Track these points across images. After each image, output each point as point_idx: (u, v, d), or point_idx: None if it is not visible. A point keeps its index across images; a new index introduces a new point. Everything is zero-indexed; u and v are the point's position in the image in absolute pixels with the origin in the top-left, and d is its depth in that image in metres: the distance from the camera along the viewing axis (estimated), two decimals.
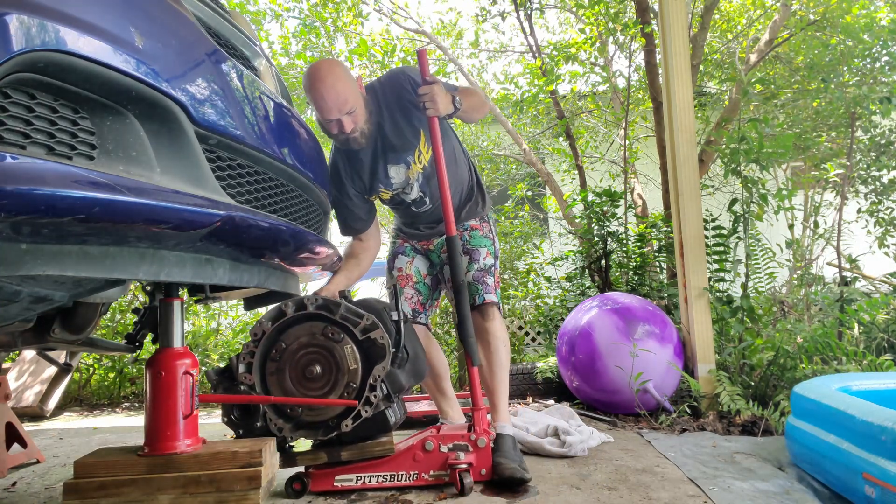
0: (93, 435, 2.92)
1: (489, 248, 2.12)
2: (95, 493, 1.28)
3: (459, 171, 2.11)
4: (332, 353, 1.64)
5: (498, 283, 2.11)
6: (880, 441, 1.34)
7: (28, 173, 0.76)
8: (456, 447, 1.69)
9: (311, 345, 1.64)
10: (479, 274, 2.06)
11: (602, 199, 3.63)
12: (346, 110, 1.80)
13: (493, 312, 2.03)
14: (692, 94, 2.74)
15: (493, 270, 2.09)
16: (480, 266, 2.07)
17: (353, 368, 1.63)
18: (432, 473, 1.68)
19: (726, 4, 5.82)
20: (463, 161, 2.15)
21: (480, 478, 1.69)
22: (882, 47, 4.16)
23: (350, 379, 1.63)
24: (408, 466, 1.69)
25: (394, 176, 2.02)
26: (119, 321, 4.24)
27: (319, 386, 1.64)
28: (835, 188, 4.24)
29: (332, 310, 1.65)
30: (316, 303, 1.65)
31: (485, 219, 2.18)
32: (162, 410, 1.36)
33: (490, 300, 2.03)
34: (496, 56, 7.13)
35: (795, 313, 3.65)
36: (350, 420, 1.62)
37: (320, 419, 1.64)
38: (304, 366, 1.64)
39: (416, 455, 1.69)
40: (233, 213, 1.07)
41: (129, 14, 0.95)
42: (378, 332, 1.64)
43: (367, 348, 1.65)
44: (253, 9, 5.75)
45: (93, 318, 1.70)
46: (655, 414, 2.50)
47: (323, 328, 1.65)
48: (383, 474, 1.68)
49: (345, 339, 1.64)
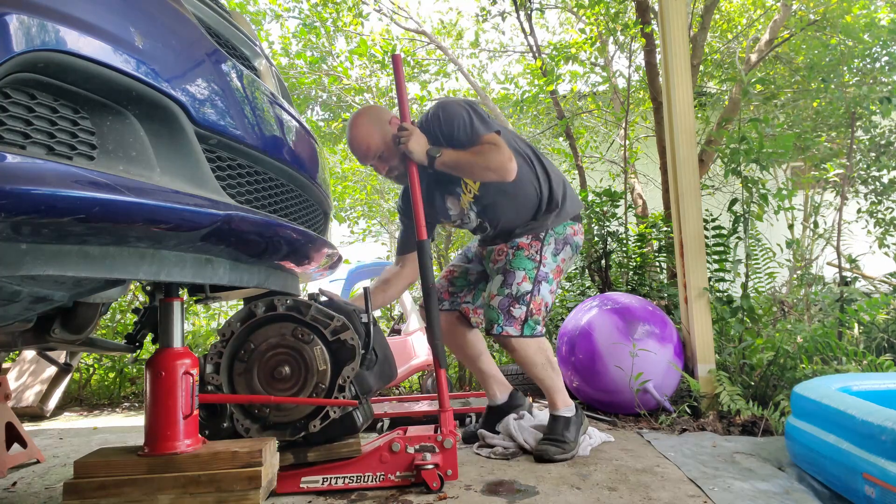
0: (93, 435, 2.92)
1: (529, 271, 2.02)
2: (95, 493, 1.28)
3: (521, 191, 2.04)
4: (301, 353, 1.65)
5: (538, 309, 2.00)
6: (880, 441, 1.34)
7: (28, 173, 0.76)
8: (423, 448, 1.69)
9: (280, 345, 1.65)
10: (505, 301, 1.98)
11: (602, 199, 3.63)
12: (371, 156, 1.98)
13: (511, 344, 1.99)
14: (692, 94, 2.74)
15: (526, 298, 1.99)
16: (511, 292, 1.99)
17: (323, 369, 1.64)
18: (399, 474, 1.68)
19: (726, 4, 5.83)
20: (528, 180, 2.05)
21: (448, 478, 1.69)
22: (882, 47, 4.16)
23: (319, 380, 1.64)
24: (374, 468, 1.69)
25: (451, 207, 2.14)
26: (119, 321, 4.24)
27: (288, 387, 1.65)
28: (835, 188, 4.24)
29: (303, 311, 1.66)
30: (286, 304, 1.66)
31: (539, 236, 2.07)
32: (162, 410, 1.36)
33: (508, 333, 1.96)
34: (496, 56, 7.14)
35: (795, 313, 3.65)
36: (318, 421, 1.63)
37: (288, 420, 1.65)
38: (273, 366, 1.65)
39: (382, 456, 1.69)
40: (233, 213, 1.07)
41: (129, 14, 0.95)
42: (348, 334, 1.65)
43: (336, 350, 1.66)
44: (253, 9, 5.75)
45: (93, 318, 1.70)
46: (655, 414, 2.50)
47: (293, 329, 1.66)
48: (350, 476, 1.68)
49: (314, 340, 1.65)
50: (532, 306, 2.00)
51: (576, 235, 2.15)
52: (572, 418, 2.02)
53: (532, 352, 2.01)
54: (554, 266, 2.08)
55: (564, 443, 1.96)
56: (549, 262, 2.07)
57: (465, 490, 1.66)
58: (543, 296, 2.03)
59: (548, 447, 1.94)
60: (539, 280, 2.03)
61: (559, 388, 2.05)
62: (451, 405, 2.67)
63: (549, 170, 2.12)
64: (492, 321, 1.99)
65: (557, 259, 2.09)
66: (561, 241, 2.11)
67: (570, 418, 2.01)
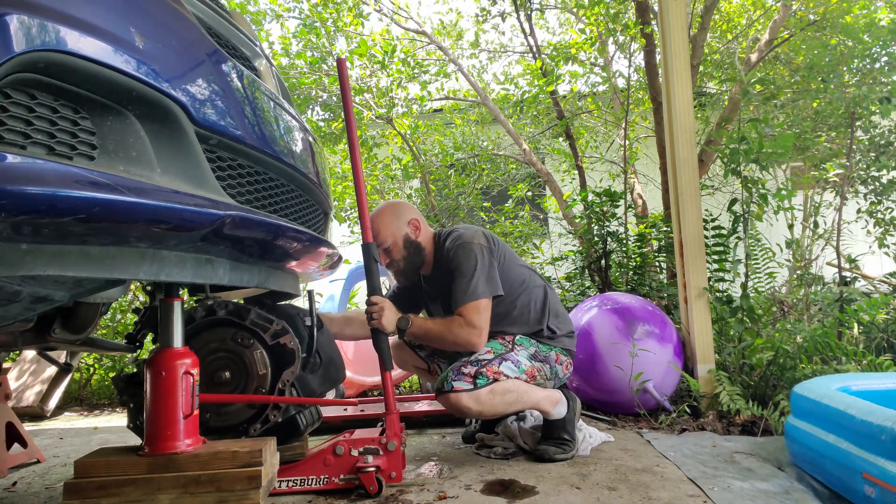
0: (93, 435, 2.92)
1: (497, 349, 1.94)
2: (96, 492, 1.28)
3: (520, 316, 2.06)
4: (241, 358, 1.66)
5: (492, 373, 1.86)
6: (880, 441, 1.34)
7: (28, 173, 0.76)
8: (366, 451, 1.69)
9: (220, 350, 1.66)
10: (458, 364, 1.88)
11: (602, 199, 3.63)
12: (377, 242, 2.04)
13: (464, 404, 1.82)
14: (692, 94, 2.74)
15: (482, 362, 1.88)
16: (468, 359, 1.90)
17: (263, 373, 1.65)
18: (342, 477, 1.68)
19: (726, 5, 5.82)
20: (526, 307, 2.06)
21: (391, 481, 1.69)
22: (882, 47, 4.16)
23: (259, 384, 1.64)
24: (318, 471, 1.68)
25: (435, 311, 2.25)
26: (119, 321, 4.24)
27: (228, 391, 1.65)
28: (834, 188, 4.24)
29: (243, 315, 1.67)
30: (226, 308, 1.67)
31: (518, 342, 2.00)
32: (162, 410, 1.36)
33: (458, 388, 1.82)
34: (496, 56, 7.13)
35: (795, 313, 3.65)
36: (259, 424, 1.64)
37: (228, 424, 1.66)
38: (213, 371, 1.66)
39: (326, 459, 1.68)
40: (233, 213, 1.08)
41: (130, 14, 0.95)
42: (288, 338, 1.66)
43: (277, 353, 1.67)
44: (253, 9, 5.75)
45: (93, 318, 1.70)
46: (655, 414, 2.50)
47: (233, 333, 1.66)
48: (293, 479, 1.68)
49: (254, 344, 1.66)
50: (485, 369, 1.87)
51: (558, 363, 2.06)
52: (566, 416, 2.00)
53: (496, 401, 1.86)
54: (525, 364, 1.96)
55: (564, 442, 1.96)
56: (522, 356, 1.97)
57: (465, 490, 1.66)
58: (503, 369, 1.89)
59: (548, 447, 1.94)
60: (504, 356, 1.93)
61: (538, 398, 1.96)
62: None
63: (551, 304, 2.11)
64: (442, 382, 1.86)
65: (531, 362, 1.98)
66: (542, 355, 2.02)
67: (565, 417, 2.00)
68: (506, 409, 1.92)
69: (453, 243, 2.03)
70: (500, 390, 1.87)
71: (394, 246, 2.06)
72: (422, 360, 2.30)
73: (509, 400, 1.89)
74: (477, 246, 1.99)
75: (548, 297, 2.12)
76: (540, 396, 1.97)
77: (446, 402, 1.86)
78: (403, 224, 2.07)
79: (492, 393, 1.85)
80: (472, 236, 2.02)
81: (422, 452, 2.16)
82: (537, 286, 2.13)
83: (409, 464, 1.98)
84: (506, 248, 2.14)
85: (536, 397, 1.96)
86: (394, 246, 2.06)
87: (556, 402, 2.01)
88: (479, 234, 2.05)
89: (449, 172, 5.90)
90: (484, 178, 6.02)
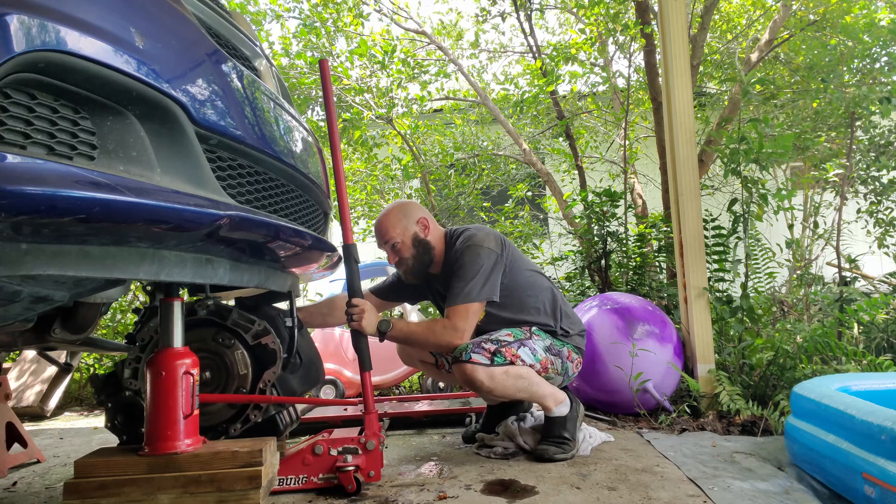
0: (93, 435, 2.92)
1: (516, 333, 1.98)
2: (96, 492, 1.28)
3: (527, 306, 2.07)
4: (222, 358, 1.66)
5: (510, 355, 1.88)
6: (880, 441, 1.34)
7: (29, 173, 0.76)
8: (345, 450, 1.69)
9: (201, 350, 1.66)
10: (478, 339, 1.92)
11: (602, 199, 3.63)
12: (385, 240, 2.07)
13: (478, 377, 1.84)
14: (692, 94, 2.74)
15: (501, 343, 1.91)
16: (488, 337, 1.94)
17: (244, 373, 1.65)
18: (321, 476, 1.68)
19: (726, 5, 5.83)
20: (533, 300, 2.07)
21: (370, 480, 1.69)
22: (882, 48, 4.16)
23: (240, 384, 1.65)
24: (297, 470, 1.69)
25: (441, 304, 2.20)
26: (119, 321, 4.24)
27: (209, 391, 1.65)
28: (834, 188, 4.24)
29: (224, 315, 1.67)
30: (207, 308, 1.67)
31: (536, 332, 2.03)
32: (162, 410, 1.36)
33: (475, 360, 1.84)
34: (496, 56, 7.14)
35: (795, 313, 3.66)
36: (239, 424, 1.64)
37: (209, 424, 1.66)
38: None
39: (305, 459, 1.69)
40: (233, 213, 1.08)
41: (130, 14, 0.95)
42: (269, 338, 1.66)
43: (258, 354, 1.67)
44: (253, 9, 5.74)
45: (93, 318, 1.70)
46: (655, 414, 2.50)
47: (214, 333, 1.66)
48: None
49: (235, 344, 1.66)
50: (504, 349, 1.90)
51: (570, 360, 2.08)
52: (568, 415, 2.00)
53: (508, 383, 1.88)
54: (541, 354, 1.98)
55: (565, 442, 1.96)
56: (539, 345, 1.99)
57: (465, 490, 1.66)
58: (521, 353, 1.92)
59: (548, 447, 1.94)
60: (523, 342, 1.96)
61: (545, 393, 1.97)
62: (452, 405, 2.68)
63: (561, 306, 2.12)
64: (461, 351, 1.88)
65: (546, 353, 2.00)
66: (556, 349, 2.04)
67: (566, 416, 2.00)
68: (514, 394, 1.93)
69: (463, 244, 2.03)
70: (514, 374, 1.89)
71: (402, 244, 2.06)
72: (429, 353, 2.28)
73: (520, 386, 1.91)
74: (485, 250, 2.00)
75: (556, 299, 2.13)
76: (547, 392, 1.99)
77: (461, 370, 1.87)
78: (412, 223, 2.08)
79: (506, 374, 1.87)
80: (482, 239, 2.03)
81: (422, 452, 2.16)
82: (545, 289, 2.13)
83: (409, 464, 1.98)
84: (515, 252, 2.14)
85: (543, 391, 1.97)
86: (402, 244, 2.06)
87: (560, 401, 2.02)
88: (490, 237, 2.05)
89: (449, 172, 5.90)
90: (484, 178, 6.03)
